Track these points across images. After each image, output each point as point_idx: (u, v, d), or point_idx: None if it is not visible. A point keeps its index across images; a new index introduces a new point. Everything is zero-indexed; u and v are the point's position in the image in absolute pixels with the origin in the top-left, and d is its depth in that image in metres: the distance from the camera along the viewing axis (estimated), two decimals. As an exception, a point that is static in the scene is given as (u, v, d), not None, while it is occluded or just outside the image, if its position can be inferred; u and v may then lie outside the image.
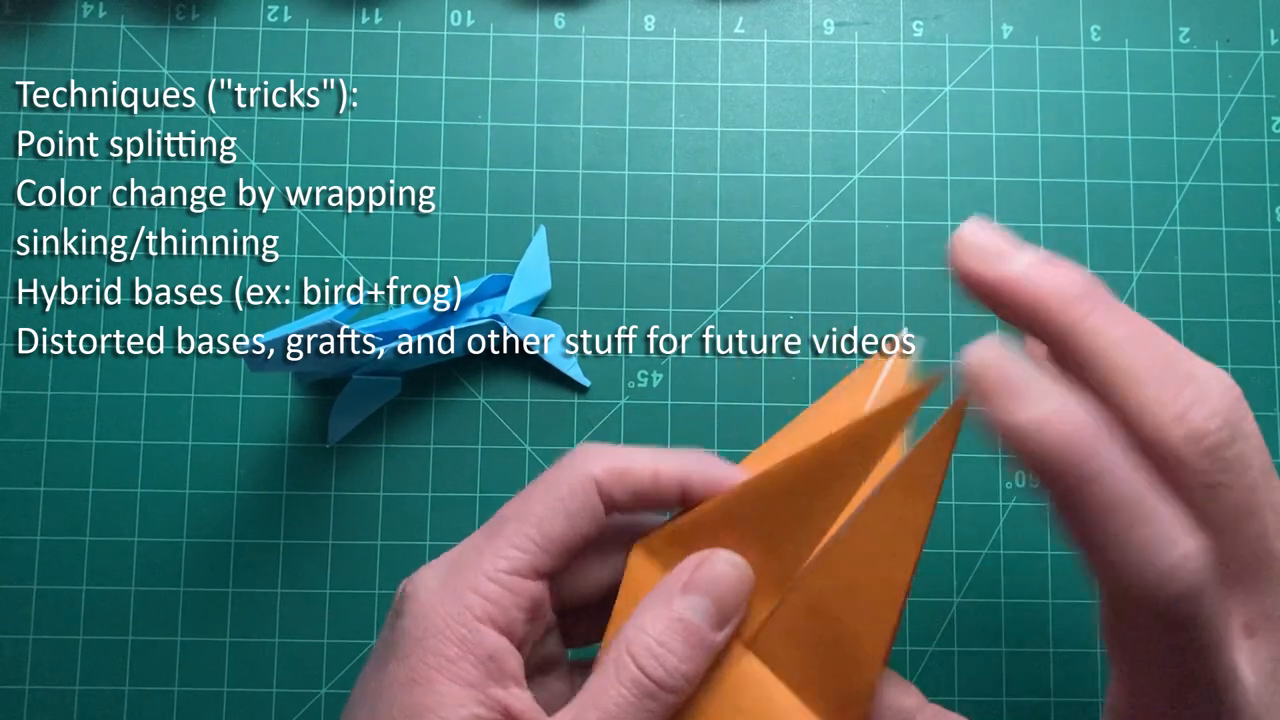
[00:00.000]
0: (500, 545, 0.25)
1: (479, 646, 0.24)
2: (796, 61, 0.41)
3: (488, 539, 0.25)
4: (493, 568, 0.24)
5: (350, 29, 0.41)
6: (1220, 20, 0.42)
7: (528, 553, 0.25)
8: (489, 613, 0.24)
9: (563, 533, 0.25)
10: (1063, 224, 0.40)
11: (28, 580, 0.38)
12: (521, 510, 0.25)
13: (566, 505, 0.25)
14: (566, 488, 0.25)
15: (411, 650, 0.24)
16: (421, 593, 0.25)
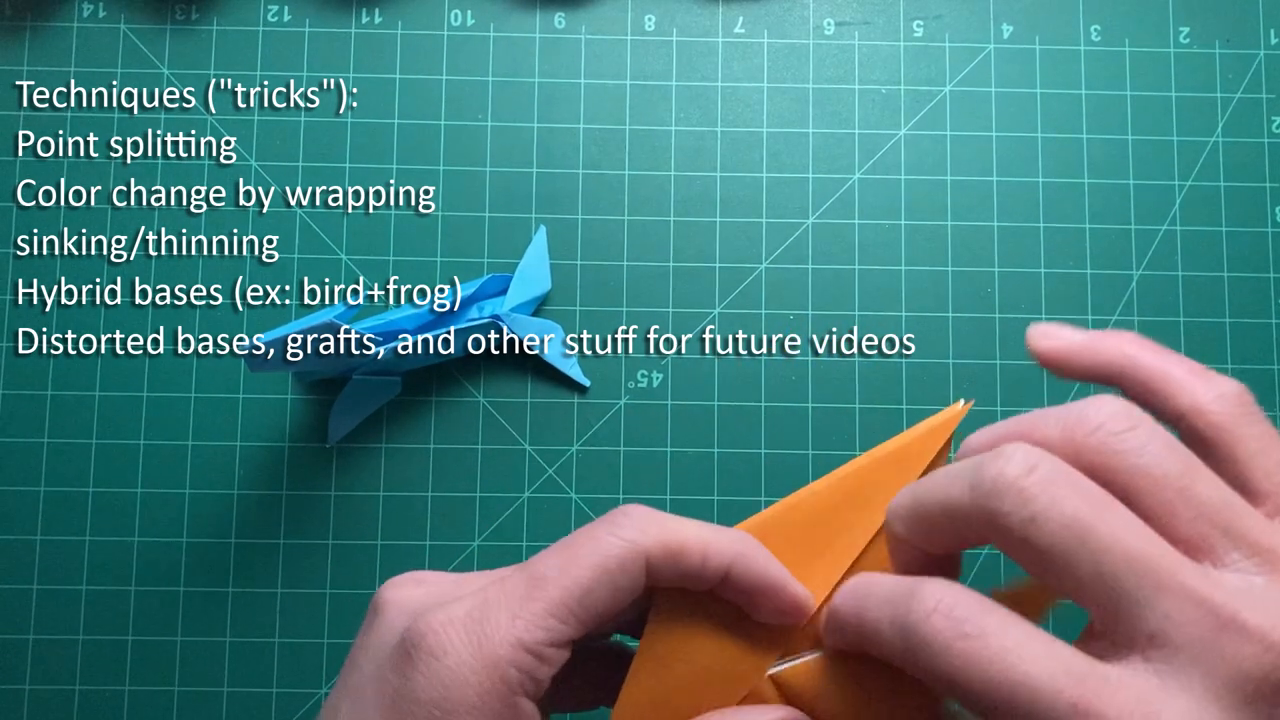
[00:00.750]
0: (540, 613, 0.23)
1: (513, 715, 0.22)
2: (796, 61, 0.41)
3: (524, 601, 0.23)
4: (533, 640, 0.22)
5: (350, 29, 0.41)
6: (1220, 20, 0.42)
7: (568, 624, 0.23)
8: (525, 685, 0.23)
9: (605, 608, 0.23)
10: (1063, 224, 0.40)
11: (28, 580, 0.38)
12: (565, 576, 0.23)
13: (615, 579, 0.23)
14: (617, 561, 0.23)
15: (444, 710, 0.22)
16: (451, 657, 0.22)
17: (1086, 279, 0.40)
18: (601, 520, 0.24)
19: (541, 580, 0.23)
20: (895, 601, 0.20)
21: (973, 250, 0.40)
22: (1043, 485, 0.19)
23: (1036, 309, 0.40)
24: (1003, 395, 0.39)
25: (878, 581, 0.22)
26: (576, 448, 0.39)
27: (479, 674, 0.22)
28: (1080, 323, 0.40)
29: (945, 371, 0.39)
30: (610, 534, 0.23)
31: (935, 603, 0.19)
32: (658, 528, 0.24)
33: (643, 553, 0.23)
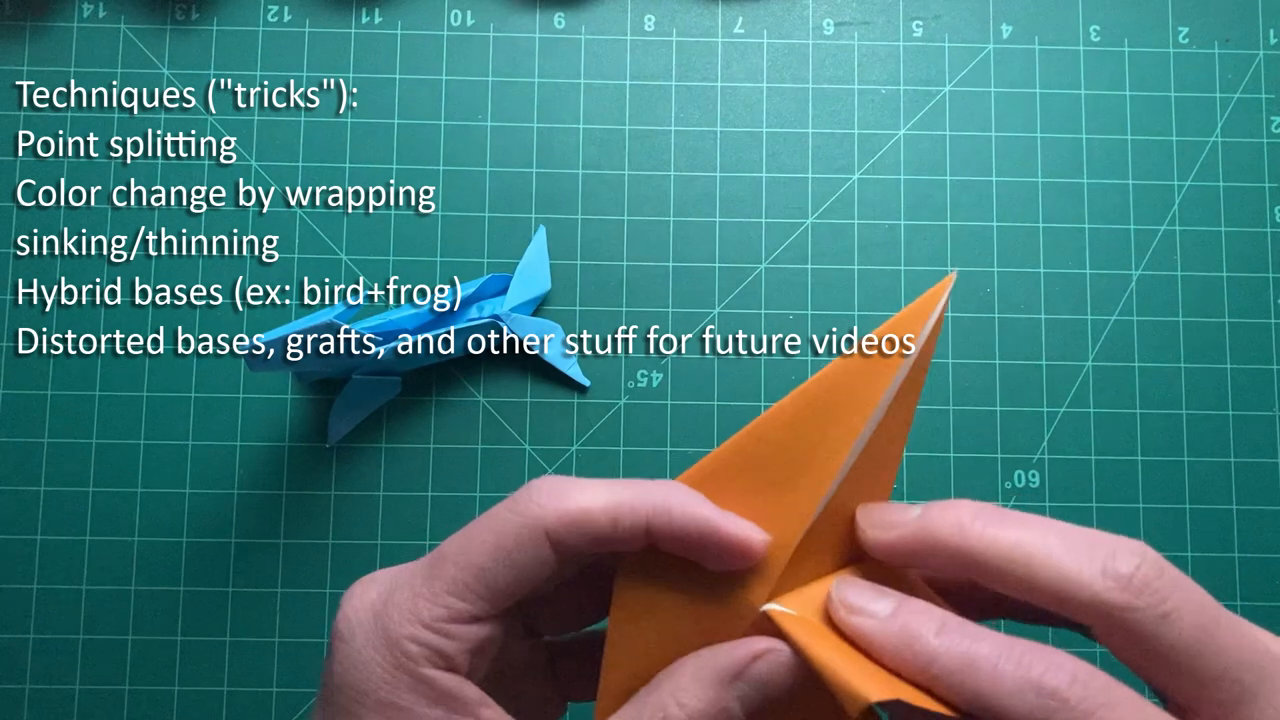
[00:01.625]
0: (438, 591, 0.23)
1: (430, 689, 0.23)
2: (796, 61, 0.41)
3: (425, 581, 0.23)
4: (429, 616, 0.23)
5: (350, 29, 0.41)
6: (1220, 20, 0.42)
7: (467, 602, 0.23)
8: (431, 658, 0.23)
9: (507, 584, 0.23)
10: (1062, 224, 0.40)
11: (28, 580, 0.38)
12: (462, 555, 0.23)
13: (512, 557, 0.23)
14: (513, 537, 0.23)
15: (359, 701, 0.23)
16: (354, 637, 0.23)
17: (1086, 279, 0.40)
18: (510, 497, 0.24)
19: (441, 560, 0.23)
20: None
21: (972, 250, 0.40)
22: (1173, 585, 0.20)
23: (1036, 309, 0.40)
24: (1002, 395, 0.39)
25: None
26: (576, 448, 0.39)
27: (380, 651, 0.23)
28: (1080, 323, 0.40)
29: (945, 371, 0.39)
30: (509, 511, 0.23)
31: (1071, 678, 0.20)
32: (557, 500, 0.23)
33: (539, 527, 0.23)
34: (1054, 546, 0.21)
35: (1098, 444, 0.39)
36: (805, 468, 0.24)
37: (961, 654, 0.21)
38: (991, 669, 0.20)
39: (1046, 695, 0.20)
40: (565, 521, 0.23)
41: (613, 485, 0.24)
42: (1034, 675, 0.20)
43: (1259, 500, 0.39)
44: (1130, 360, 0.40)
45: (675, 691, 0.23)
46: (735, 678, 0.23)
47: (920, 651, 0.21)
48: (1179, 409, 0.39)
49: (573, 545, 0.23)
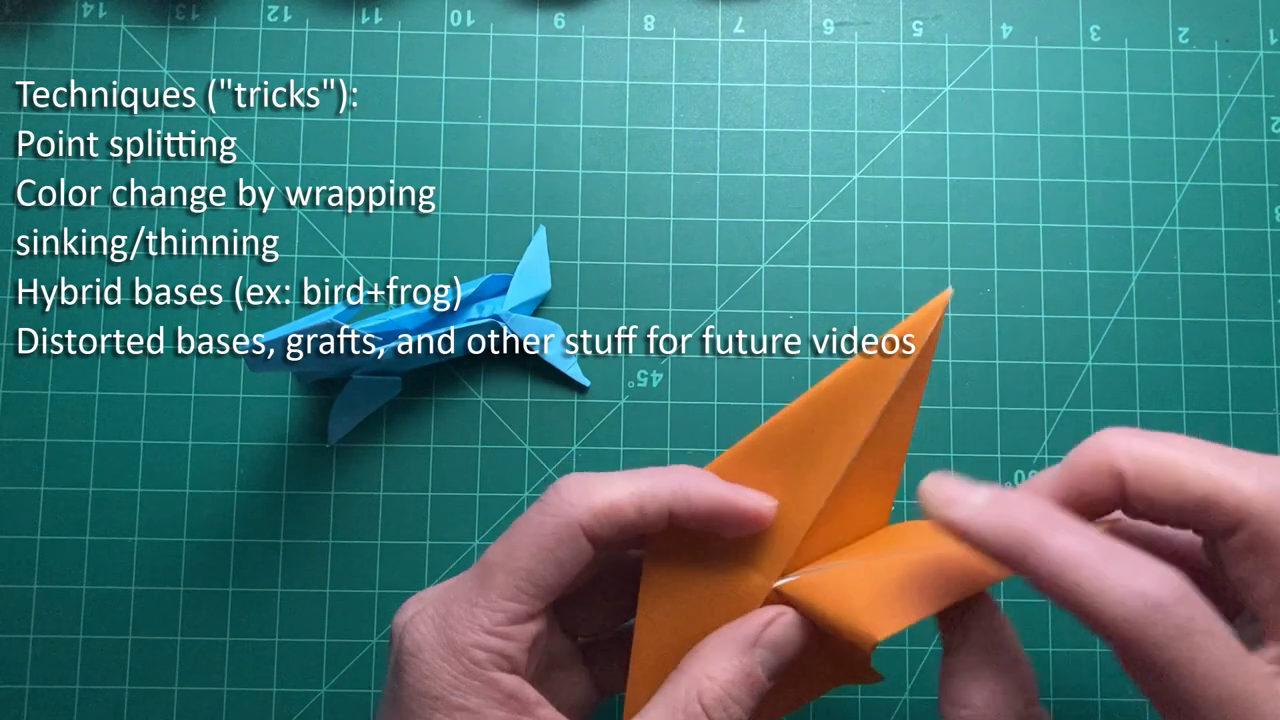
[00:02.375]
0: (493, 598, 0.25)
1: (496, 691, 0.25)
2: (796, 61, 0.41)
3: (479, 591, 0.25)
4: (490, 622, 0.25)
5: (350, 29, 0.41)
6: (1220, 20, 0.42)
7: (521, 603, 0.25)
8: (496, 662, 0.25)
9: (554, 580, 0.25)
10: (1062, 224, 0.40)
11: (28, 580, 0.38)
12: (509, 561, 0.25)
13: (555, 554, 0.25)
14: (553, 536, 0.25)
15: (434, 709, 0.25)
16: (425, 651, 0.25)
17: (1086, 279, 0.40)
18: (538, 501, 0.26)
19: (489, 570, 0.26)
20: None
21: (972, 250, 0.40)
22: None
23: (1036, 309, 0.40)
24: (1002, 396, 0.39)
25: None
26: (576, 448, 0.39)
27: (449, 661, 0.25)
28: (1080, 323, 0.40)
29: (945, 371, 0.39)
30: (541, 514, 0.26)
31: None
32: (586, 496, 0.26)
33: (574, 524, 0.25)
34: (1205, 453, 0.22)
35: (1098, 444, 0.39)
36: (817, 460, 0.26)
37: (1063, 546, 0.21)
38: (1096, 567, 0.20)
39: (1151, 605, 0.20)
40: (596, 515, 0.25)
41: (633, 476, 0.26)
42: (1139, 583, 0.20)
43: (1259, 500, 0.39)
44: (1130, 360, 0.40)
45: (704, 666, 0.25)
46: (754, 644, 0.25)
47: (1021, 539, 0.21)
48: (1179, 409, 0.39)
49: (605, 536, 0.26)
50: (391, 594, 0.38)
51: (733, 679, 0.25)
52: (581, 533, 0.25)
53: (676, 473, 0.26)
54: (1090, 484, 0.23)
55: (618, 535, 0.26)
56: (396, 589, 0.38)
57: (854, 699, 0.38)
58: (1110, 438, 0.23)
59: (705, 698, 0.25)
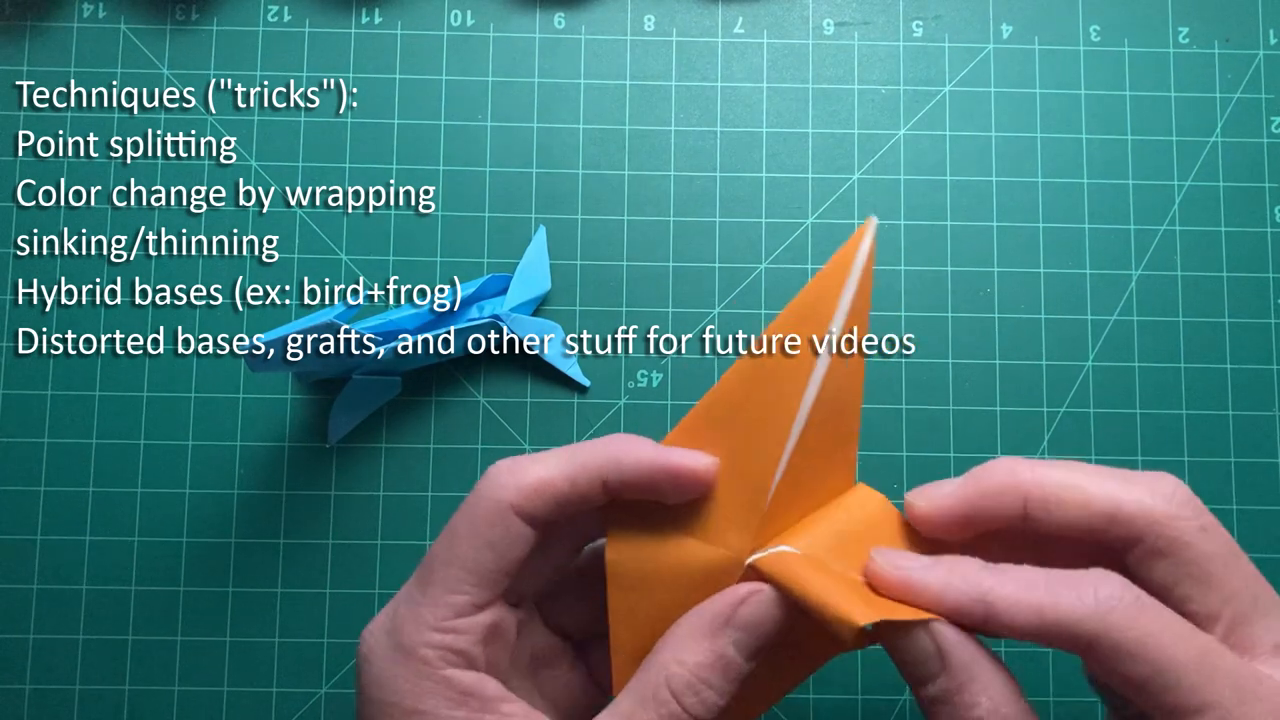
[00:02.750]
0: (435, 594, 0.25)
1: (451, 690, 0.24)
2: (796, 61, 0.41)
3: (421, 589, 0.25)
4: (435, 618, 0.24)
5: (350, 29, 0.41)
6: (1220, 20, 0.42)
7: (464, 594, 0.25)
8: (447, 659, 0.24)
9: (494, 565, 0.25)
10: (1062, 224, 0.40)
11: (28, 580, 0.38)
12: (448, 554, 0.25)
13: (489, 539, 0.25)
14: (485, 521, 0.25)
15: (388, 713, 0.24)
16: (374, 657, 0.25)
17: (1086, 279, 0.40)
18: (474, 487, 0.26)
19: (429, 566, 0.25)
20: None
21: (972, 250, 0.40)
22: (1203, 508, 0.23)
23: (1036, 309, 0.40)
24: (1002, 395, 0.39)
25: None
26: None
27: (399, 664, 0.24)
28: (1080, 323, 0.40)
29: (945, 371, 0.39)
30: (472, 501, 0.25)
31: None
32: (514, 476, 0.25)
33: (504, 505, 0.25)
34: (1101, 474, 0.24)
35: (1098, 444, 0.39)
36: (765, 422, 0.25)
37: (1015, 578, 0.23)
38: (1045, 590, 0.22)
39: (1104, 597, 0.22)
40: (526, 493, 0.25)
41: (564, 451, 0.26)
42: (1086, 586, 0.22)
43: (1259, 500, 0.39)
44: (1130, 360, 0.40)
45: (673, 651, 0.24)
46: (725, 624, 0.24)
47: (973, 584, 0.23)
48: (1179, 409, 0.39)
49: (541, 513, 0.25)
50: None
51: (703, 662, 0.24)
52: (513, 514, 0.25)
53: (608, 441, 0.26)
54: (995, 502, 0.24)
55: (555, 511, 0.25)
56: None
57: (853, 699, 0.38)
58: (1013, 463, 0.25)
59: (674, 683, 0.24)
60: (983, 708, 0.22)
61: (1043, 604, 0.22)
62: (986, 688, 0.22)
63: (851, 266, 0.25)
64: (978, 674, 0.23)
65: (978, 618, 0.23)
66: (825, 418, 0.25)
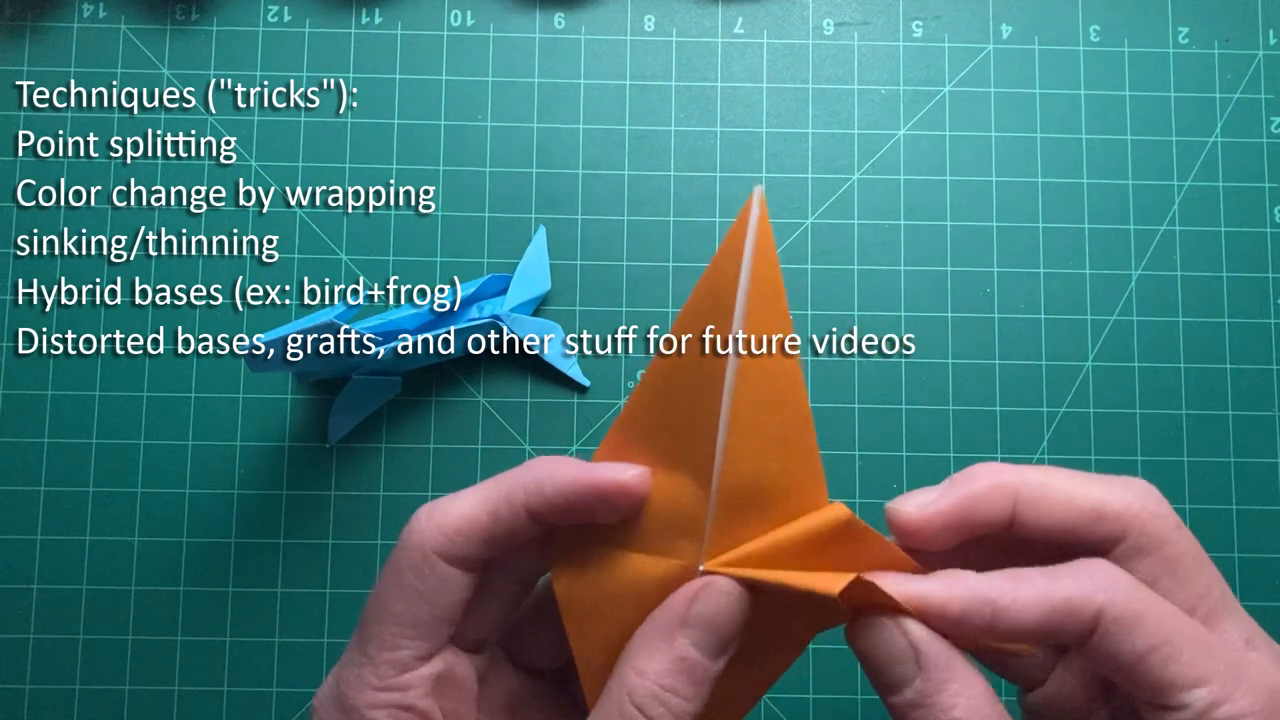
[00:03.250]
0: (372, 653, 0.24)
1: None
2: (796, 61, 0.41)
3: (360, 650, 0.24)
4: (377, 679, 0.24)
5: (350, 29, 0.41)
6: (1220, 20, 0.42)
7: (403, 649, 0.24)
8: (397, 717, 0.23)
9: (429, 615, 0.24)
10: (1062, 224, 0.40)
11: (28, 580, 0.38)
12: (380, 610, 0.24)
13: (419, 590, 0.24)
14: (411, 572, 0.24)
15: None
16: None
17: (1085, 279, 0.40)
18: (397, 541, 0.25)
19: (364, 626, 0.24)
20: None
21: (972, 250, 0.40)
22: (1172, 510, 0.24)
23: (1036, 309, 0.40)
24: (1002, 395, 0.39)
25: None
26: (576, 448, 0.39)
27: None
28: (1080, 323, 0.40)
29: (945, 371, 0.39)
30: (397, 550, 0.24)
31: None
32: (433, 520, 0.24)
33: (425, 551, 0.24)
34: (1078, 477, 0.24)
35: (1098, 444, 0.39)
36: (690, 425, 0.24)
37: (1012, 577, 0.23)
38: (1045, 579, 0.23)
39: (1109, 582, 0.22)
40: (449, 535, 0.24)
41: (484, 486, 0.24)
42: (1084, 575, 0.22)
43: (1259, 500, 0.39)
44: (1130, 360, 0.40)
45: (632, 662, 0.23)
46: (680, 625, 0.23)
47: (974, 589, 0.23)
48: (1179, 409, 0.39)
49: (469, 553, 0.24)
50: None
51: (664, 669, 0.23)
52: (437, 558, 0.24)
53: (529, 466, 0.24)
54: (984, 505, 0.24)
55: (483, 549, 0.24)
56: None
57: (853, 699, 0.38)
58: (994, 467, 0.24)
59: (636, 696, 0.23)
60: (961, 709, 0.22)
61: (1046, 592, 0.22)
62: (964, 688, 0.22)
63: (743, 249, 0.24)
64: (955, 674, 0.22)
65: (984, 620, 0.22)
66: (757, 420, 0.24)
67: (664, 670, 0.23)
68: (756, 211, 0.23)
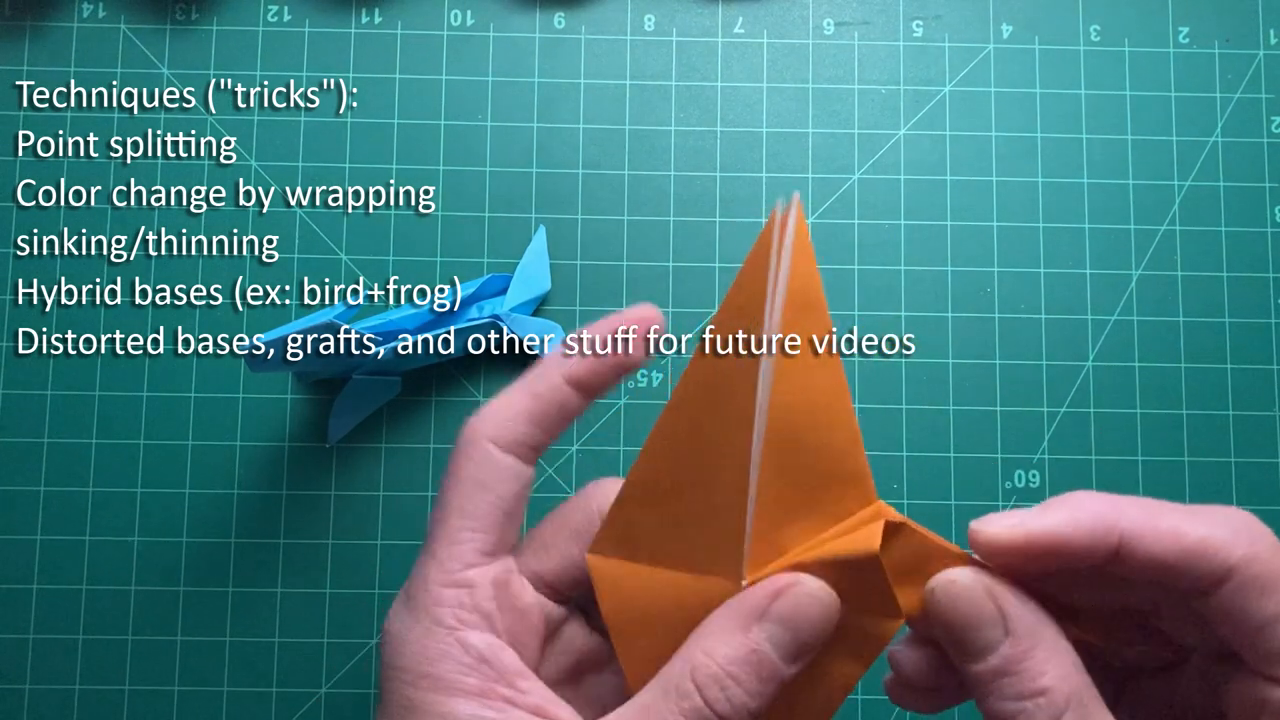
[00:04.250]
0: (437, 551, 0.24)
1: (464, 654, 0.23)
2: (796, 61, 0.41)
3: (427, 550, 0.24)
4: (441, 575, 0.24)
5: (350, 29, 0.41)
6: (1220, 20, 0.42)
7: (466, 543, 0.24)
8: (460, 616, 0.23)
9: (488, 507, 0.24)
10: (1062, 224, 0.40)
11: (28, 580, 0.38)
12: (440, 511, 0.25)
13: (476, 478, 0.24)
14: (466, 464, 0.24)
15: (402, 682, 0.23)
16: (392, 623, 0.24)
17: (1086, 279, 0.40)
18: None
19: (430, 529, 0.25)
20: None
21: (972, 250, 0.40)
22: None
23: (1036, 309, 0.40)
24: (1002, 395, 0.39)
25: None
26: (576, 448, 0.39)
27: (411, 626, 0.24)
28: (1080, 323, 0.40)
29: (945, 371, 0.39)
30: (453, 453, 0.25)
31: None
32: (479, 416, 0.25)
33: (479, 440, 0.25)
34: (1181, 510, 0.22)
35: (1098, 444, 0.39)
36: (724, 432, 0.23)
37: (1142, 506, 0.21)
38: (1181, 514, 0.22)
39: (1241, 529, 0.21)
40: (495, 421, 0.25)
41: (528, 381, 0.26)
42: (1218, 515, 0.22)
43: (1259, 500, 0.39)
44: (1130, 360, 0.40)
45: (702, 642, 0.22)
46: (759, 618, 0.22)
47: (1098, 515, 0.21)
48: (1179, 409, 0.39)
49: (517, 436, 0.25)
50: (391, 594, 0.38)
51: (733, 656, 0.22)
52: (491, 446, 0.24)
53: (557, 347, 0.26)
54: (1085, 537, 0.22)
55: (531, 428, 0.25)
56: (396, 589, 0.38)
57: (854, 699, 0.38)
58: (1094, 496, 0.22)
59: (699, 674, 0.22)
60: (1050, 677, 0.20)
61: (1180, 528, 0.20)
62: (1053, 655, 0.20)
63: (779, 253, 0.23)
64: (1044, 640, 0.20)
65: (1109, 550, 0.20)
66: (796, 427, 0.23)
67: (733, 658, 0.22)
68: (794, 216, 0.23)
